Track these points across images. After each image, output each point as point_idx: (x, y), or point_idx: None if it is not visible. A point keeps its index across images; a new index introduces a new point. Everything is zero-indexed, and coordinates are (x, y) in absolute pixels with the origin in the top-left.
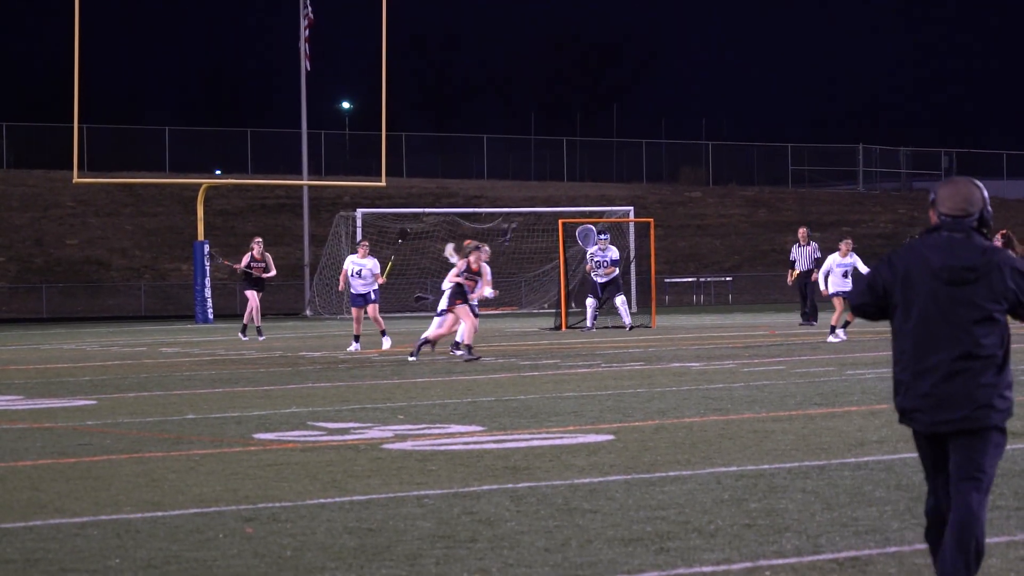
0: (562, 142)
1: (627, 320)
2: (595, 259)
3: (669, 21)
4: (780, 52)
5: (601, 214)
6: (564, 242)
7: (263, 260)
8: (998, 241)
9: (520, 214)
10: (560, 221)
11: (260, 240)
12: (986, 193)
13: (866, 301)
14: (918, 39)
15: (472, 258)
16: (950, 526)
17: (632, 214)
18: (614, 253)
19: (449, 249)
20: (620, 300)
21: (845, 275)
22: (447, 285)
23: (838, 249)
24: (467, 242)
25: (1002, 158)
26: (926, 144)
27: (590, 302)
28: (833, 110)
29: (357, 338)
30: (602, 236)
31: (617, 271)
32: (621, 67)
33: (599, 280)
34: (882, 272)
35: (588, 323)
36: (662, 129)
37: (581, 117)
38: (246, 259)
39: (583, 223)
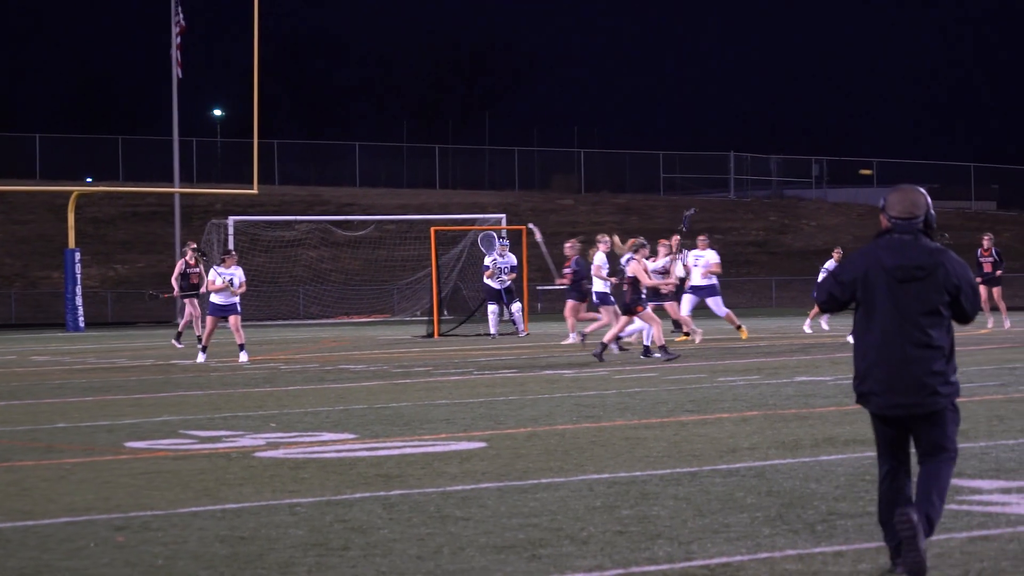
0: (434, 149)
1: (521, 327)
2: (499, 265)
3: (541, 29)
4: (652, 60)
5: (473, 221)
6: (436, 250)
7: (198, 266)
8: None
9: (392, 221)
10: (432, 229)
11: (195, 245)
12: (930, 199)
13: (831, 299)
14: (789, 47)
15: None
16: (923, 489)
17: (504, 222)
18: (513, 259)
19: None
20: (516, 307)
21: None
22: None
23: (831, 256)
24: (631, 241)
25: (872, 165)
26: (797, 152)
27: (493, 308)
28: (704, 118)
29: (205, 348)
30: (503, 242)
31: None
32: (493, 75)
33: (499, 287)
34: (844, 273)
35: (492, 330)
36: (534, 137)
37: (453, 125)
38: (180, 266)
39: (455, 231)
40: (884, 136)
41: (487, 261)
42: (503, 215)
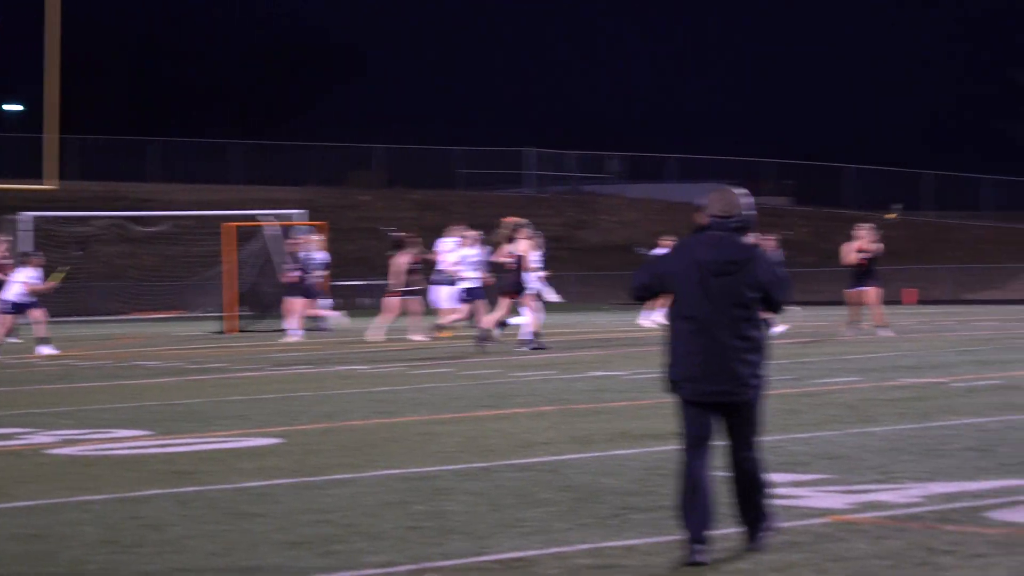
0: (233, 146)
1: (328, 324)
2: (315, 262)
3: (340, 26)
4: (451, 55)
5: (271, 218)
6: (233, 246)
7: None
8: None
9: (189, 217)
10: (227, 225)
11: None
12: (747, 200)
13: (643, 288)
14: (584, 43)
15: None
16: (739, 484)
17: (301, 218)
18: (324, 256)
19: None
20: (326, 303)
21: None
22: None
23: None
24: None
25: (669, 162)
26: (595, 148)
27: (324, 304)
28: (502, 114)
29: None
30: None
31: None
32: (291, 71)
33: (307, 282)
34: (660, 265)
35: (327, 323)
36: (332, 132)
37: (252, 121)
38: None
39: (252, 227)
40: (681, 132)
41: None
42: (302, 211)
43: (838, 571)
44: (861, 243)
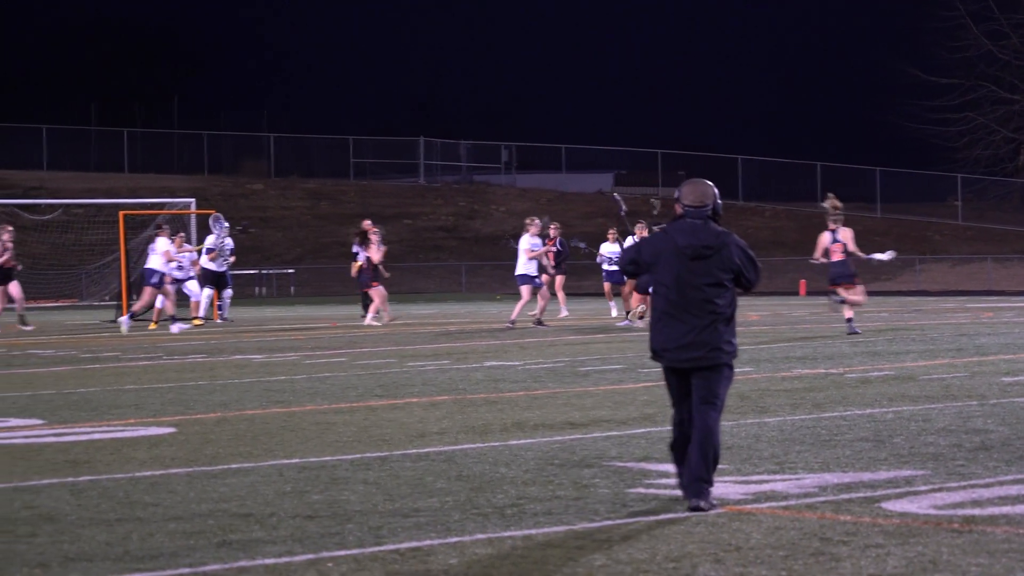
0: (123, 133)
1: (227, 313)
2: (227, 248)
3: (230, 10)
4: (342, 44)
5: (163, 206)
6: (125, 234)
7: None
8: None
9: (80, 205)
10: (121, 213)
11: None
12: (716, 191)
13: (631, 261)
14: (476, 32)
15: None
16: (694, 439)
17: (194, 206)
18: (232, 243)
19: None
20: (228, 293)
21: None
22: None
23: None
24: None
25: (561, 151)
26: (486, 138)
27: (208, 292)
28: (394, 103)
29: None
30: (225, 225)
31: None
32: (180, 56)
33: (219, 269)
34: (644, 248)
35: (225, 313)
36: (223, 120)
37: (141, 108)
38: None
39: (144, 215)
40: (572, 121)
41: (211, 242)
42: (192, 199)
43: (733, 561)
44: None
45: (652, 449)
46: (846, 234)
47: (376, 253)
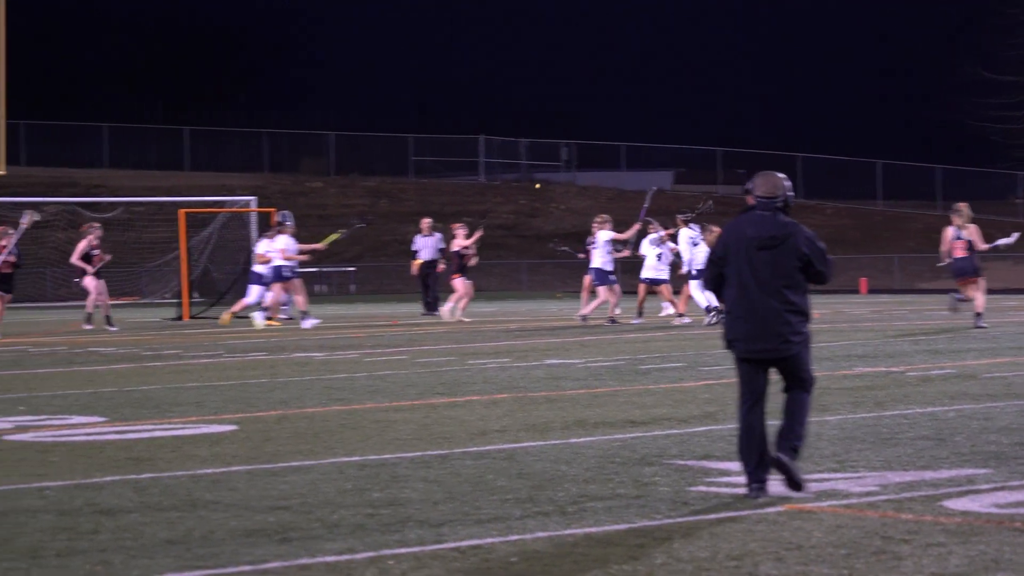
0: (183, 131)
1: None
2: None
3: (292, 9)
4: (404, 42)
5: (223, 204)
6: (186, 232)
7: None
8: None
9: (141, 203)
10: (181, 211)
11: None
12: (789, 183)
13: (714, 278)
14: (534, 29)
15: None
16: (786, 409)
17: (254, 204)
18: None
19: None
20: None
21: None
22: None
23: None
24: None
25: (620, 149)
26: (546, 136)
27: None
28: (454, 101)
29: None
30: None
31: None
32: (243, 56)
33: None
34: (717, 248)
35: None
36: (284, 119)
37: (202, 106)
38: (84, 245)
39: (204, 213)
40: (632, 120)
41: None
42: (252, 197)
43: (794, 559)
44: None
45: (713, 447)
46: (972, 231)
47: (462, 244)
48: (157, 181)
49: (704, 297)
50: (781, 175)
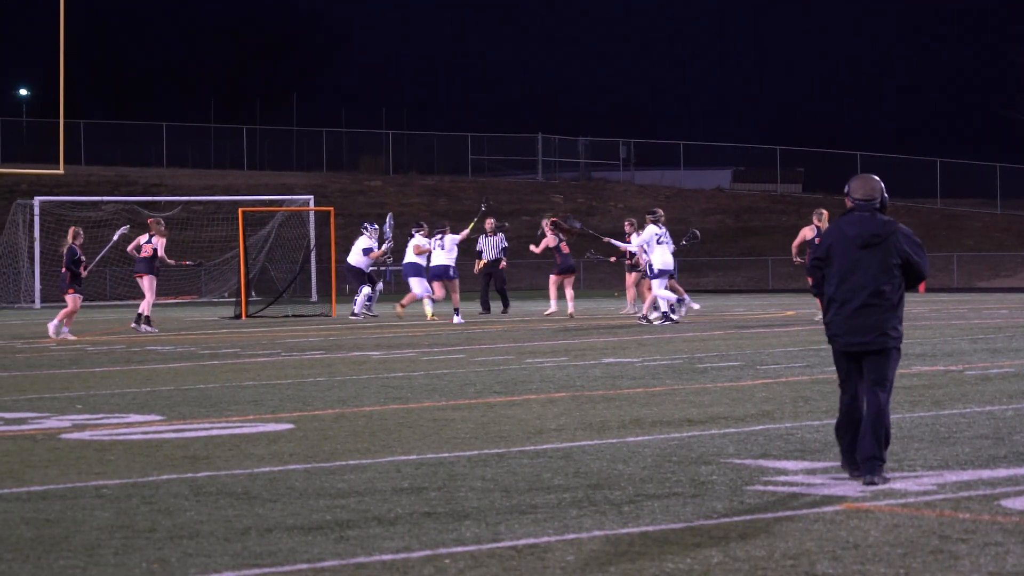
0: (242, 130)
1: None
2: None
3: (350, 8)
4: (460, 42)
5: (281, 203)
6: (244, 231)
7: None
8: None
9: (199, 202)
10: (240, 210)
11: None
12: (883, 185)
13: (817, 262)
14: (594, 28)
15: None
16: (866, 419)
17: (312, 203)
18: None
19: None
20: (380, 287)
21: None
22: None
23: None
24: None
25: (679, 148)
26: (604, 134)
27: (367, 291)
28: (513, 100)
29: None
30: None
31: None
32: (301, 55)
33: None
34: (819, 249)
35: (372, 308)
36: (342, 117)
37: (261, 105)
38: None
39: (263, 212)
40: (689, 118)
41: (370, 243)
42: (311, 196)
43: (851, 558)
44: None
45: (770, 446)
46: None
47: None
48: (216, 180)
49: (664, 298)
50: (875, 177)
